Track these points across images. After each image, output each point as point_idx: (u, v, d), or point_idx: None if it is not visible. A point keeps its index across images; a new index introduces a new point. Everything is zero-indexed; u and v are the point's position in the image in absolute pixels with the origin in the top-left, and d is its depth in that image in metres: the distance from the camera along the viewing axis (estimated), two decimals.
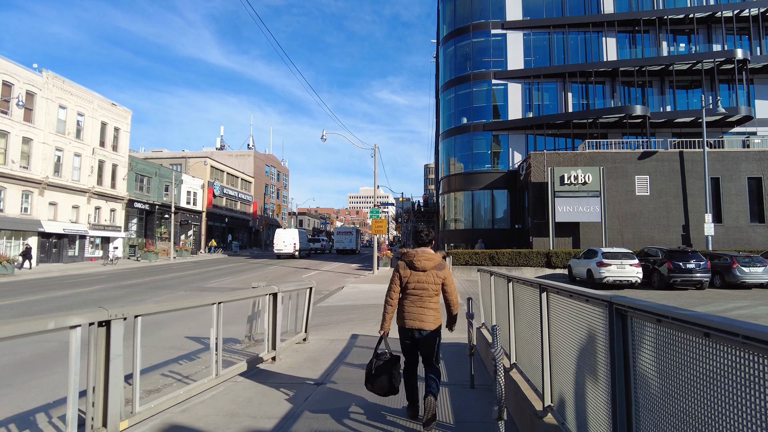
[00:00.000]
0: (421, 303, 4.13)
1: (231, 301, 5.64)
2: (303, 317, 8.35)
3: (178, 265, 32.37)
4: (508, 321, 5.34)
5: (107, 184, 37.11)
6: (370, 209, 26.00)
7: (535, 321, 3.84)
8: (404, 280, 4.18)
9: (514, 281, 4.90)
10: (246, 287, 19.49)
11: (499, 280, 5.78)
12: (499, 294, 5.89)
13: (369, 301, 14.86)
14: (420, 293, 4.12)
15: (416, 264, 4.14)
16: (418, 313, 4.11)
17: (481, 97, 31.18)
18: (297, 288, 8.07)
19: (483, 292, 7.74)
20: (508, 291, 5.03)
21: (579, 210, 24.36)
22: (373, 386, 4.16)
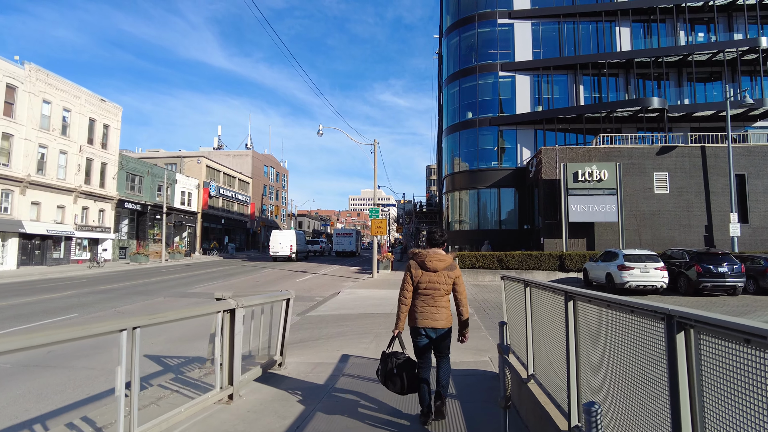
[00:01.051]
0: (432, 302, 4.21)
1: (155, 325, 3.95)
2: (278, 336, 6.67)
3: (167, 268, 30.74)
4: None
5: (96, 184, 35.53)
6: (370, 209, 24.34)
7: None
8: (416, 280, 4.25)
9: (577, 298, 3.26)
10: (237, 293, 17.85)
11: (543, 294, 4.10)
12: (541, 313, 4.22)
13: (366, 309, 13.17)
14: (431, 293, 4.21)
15: (428, 264, 4.21)
16: (430, 312, 4.20)
17: (487, 90, 29.50)
18: (269, 300, 6.40)
19: (509, 307, 6.04)
20: (570, 313, 3.38)
21: (594, 209, 22.64)
22: (395, 386, 4.19)
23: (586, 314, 2.99)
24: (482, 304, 14.32)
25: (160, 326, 7.12)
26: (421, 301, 4.25)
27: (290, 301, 6.73)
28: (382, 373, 4.29)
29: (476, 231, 29.05)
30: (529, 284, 4.59)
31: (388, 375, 4.23)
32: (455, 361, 6.99)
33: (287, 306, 6.68)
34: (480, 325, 10.67)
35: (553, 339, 3.73)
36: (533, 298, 4.47)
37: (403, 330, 4.34)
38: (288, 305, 6.69)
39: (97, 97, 35.60)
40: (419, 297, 4.27)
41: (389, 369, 4.22)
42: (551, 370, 3.86)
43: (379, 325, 10.75)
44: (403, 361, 4.23)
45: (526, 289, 4.63)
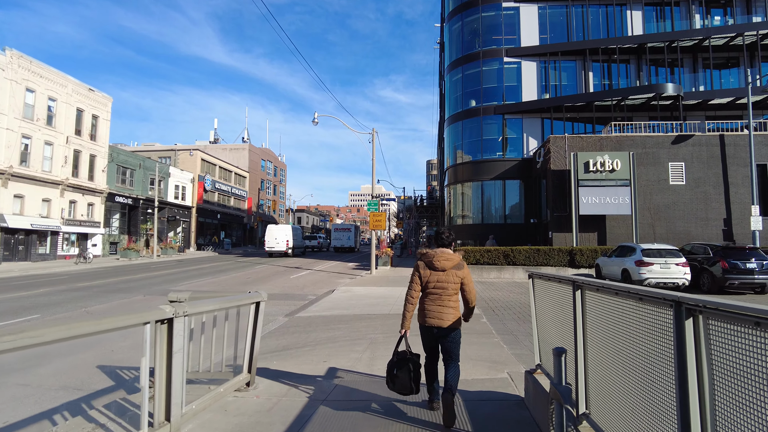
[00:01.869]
0: (440, 302, 4.21)
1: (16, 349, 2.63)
2: (245, 349, 5.36)
3: (158, 264, 29.46)
4: None
5: (84, 176, 34.20)
6: (368, 202, 23.04)
7: None
8: (424, 280, 4.27)
9: (708, 313, 1.91)
10: (222, 290, 16.50)
11: (613, 302, 2.78)
12: (606, 330, 2.90)
13: (361, 309, 11.86)
14: (439, 292, 4.21)
15: (436, 264, 4.22)
16: (438, 311, 4.20)
17: (491, 77, 28.08)
18: (232, 304, 5.09)
19: (541, 313, 4.74)
20: (688, 341, 2.03)
21: (606, 201, 21.32)
22: (395, 385, 4.19)
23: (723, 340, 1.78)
24: (490, 304, 13.01)
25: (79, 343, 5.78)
26: (430, 300, 4.26)
27: (261, 305, 5.41)
28: (387, 370, 4.32)
29: (480, 225, 27.71)
30: (583, 286, 3.26)
31: (390, 374, 4.24)
32: (466, 379, 5.73)
33: (257, 311, 5.37)
34: (490, 329, 9.36)
35: (632, 370, 2.45)
36: (590, 307, 3.15)
37: (410, 329, 4.37)
38: (258, 310, 5.38)
39: (84, 87, 34.21)
40: (427, 296, 4.27)
41: (390, 369, 4.25)
42: (625, 416, 2.57)
43: (374, 328, 9.44)
44: (408, 361, 4.19)
45: (577, 293, 3.30)
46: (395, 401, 4.92)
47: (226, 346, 5.41)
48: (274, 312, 12.14)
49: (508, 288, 17.02)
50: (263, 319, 11.43)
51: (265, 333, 9.42)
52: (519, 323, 10.10)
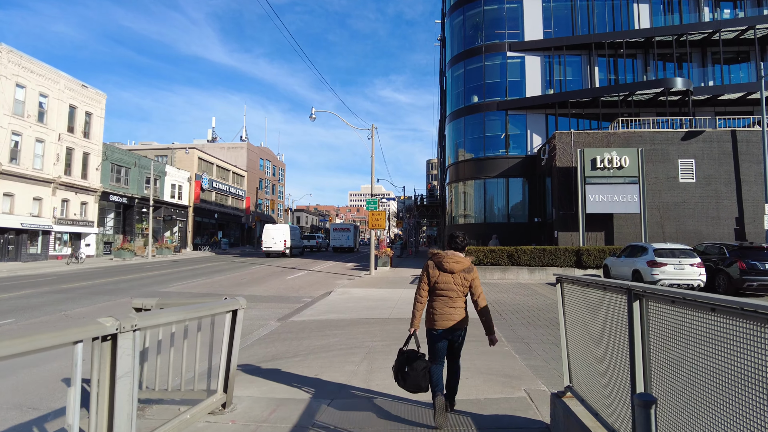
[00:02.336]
0: (450, 303, 4.25)
1: None
2: (220, 365, 4.60)
3: (152, 264, 28.71)
4: None
5: (77, 175, 33.44)
6: (367, 200, 22.31)
7: None
8: (432, 280, 4.31)
9: None
10: (213, 293, 15.73)
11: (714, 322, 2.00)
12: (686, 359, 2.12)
13: (359, 313, 11.10)
14: (448, 294, 4.25)
15: (445, 266, 4.26)
16: (447, 313, 4.24)
17: (494, 72, 27.31)
18: (203, 313, 4.33)
19: (571, 325, 3.98)
20: None
21: (614, 199, 20.57)
22: (406, 384, 4.18)
23: None
24: (497, 307, 12.26)
25: None
26: (438, 301, 4.30)
27: (238, 314, 4.66)
28: (395, 370, 4.33)
29: (482, 224, 26.95)
30: (645, 296, 2.48)
31: (401, 373, 4.24)
32: (478, 398, 4.99)
33: (234, 320, 4.61)
34: (500, 336, 8.60)
35: None
36: (656, 326, 2.38)
37: (419, 328, 4.39)
38: (235, 319, 4.62)
39: (77, 83, 33.45)
40: (436, 298, 4.32)
41: (401, 368, 4.24)
42: None
43: (373, 335, 8.69)
44: (418, 359, 4.21)
45: (635, 304, 2.53)
46: (398, 422, 4.18)
47: (199, 360, 4.67)
48: (266, 316, 11.40)
49: (513, 290, 16.27)
50: (252, 324, 10.65)
51: (255, 339, 8.68)
52: (529, 329, 9.34)
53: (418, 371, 4.13)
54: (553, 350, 7.48)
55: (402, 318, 10.40)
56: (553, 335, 8.67)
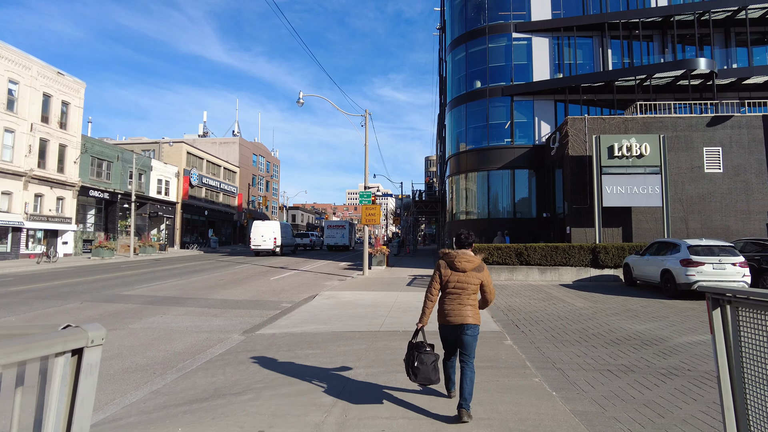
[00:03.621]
0: (460, 301, 4.32)
1: None
2: None
3: (130, 264, 26.61)
4: None
5: (52, 168, 31.31)
6: (360, 193, 20.30)
7: None
8: (444, 279, 4.38)
9: None
10: (180, 296, 13.68)
11: None
12: None
13: (343, 324, 9.05)
14: (459, 292, 4.32)
15: (457, 265, 4.36)
16: (458, 310, 4.31)
17: (498, 54, 25.24)
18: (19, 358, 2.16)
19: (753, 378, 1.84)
20: None
21: (633, 191, 18.55)
22: (417, 378, 4.27)
23: None
24: (510, 315, 10.22)
25: None
26: (450, 299, 4.37)
27: (86, 355, 2.54)
28: (406, 364, 4.40)
29: (486, 220, 24.90)
30: None
31: (411, 367, 4.30)
32: None
33: (78, 367, 2.50)
34: (522, 358, 6.56)
35: None
36: None
37: (426, 324, 4.45)
38: (80, 365, 2.51)
39: (53, 70, 31.29)
40: (448, 296, 4.39)
41: (412, 362, 4.29)
42: None
43: (357, 356, 6.65)
44: (426, 355, 4.27)
45: None
46: None
47: None
48: (230, 327, 9.35)
49: (525, 292, 14.24)
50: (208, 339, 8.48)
51: (203, 362, 6.64)
52: (558, 347, 7.31)
53: (428, 365, 4.24)
54: (600, 383, 5.44)
55: (396, 331, 8.36)
56: (592, 357, 6.64)
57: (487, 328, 8.61)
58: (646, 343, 7.56)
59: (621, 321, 9.55)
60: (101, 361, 5.16)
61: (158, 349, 7.60)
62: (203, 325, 9.54)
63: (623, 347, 7.31)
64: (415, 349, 4.35)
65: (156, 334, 8.76)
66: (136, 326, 9.40)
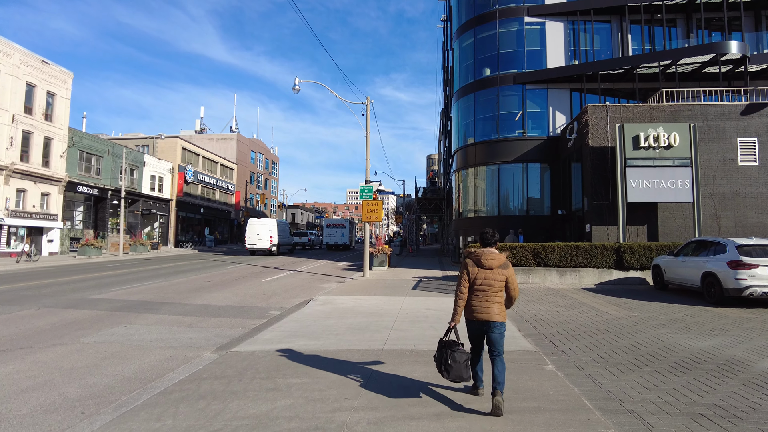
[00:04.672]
0: (487, 297, 4.41)
1: None
2: None
3: (117, 263, 24.99)
4: None
5: (36, 162, 29.69)
6: (360, 188, 18.68)
7: None
8: (472, 277, 4.47)
9: None
10: (158, 300, 12.08)
11: None
12: None
13: (340, 339, 7.39)
14: (487, 289, 4.40)
15: (484, 262, 4.44)
16: (486, 306, 4.39)
17: (510, 40, 23.56)
18: None
19: None
20: None
21: (661, 185, 16.89)
22: (450, 375, 4.36)
23: None
24: (540, 328, 8.59)
25: None
26: (477, 296, 4.44)
27: None
28: (437, 361, 4.51)
29: (496, 218, 23.24)
30: None
31: (444, 365, 4.38)
32: None
33: None
34: (576, 394, 4.91)
35: None
36: None
37: (458, 323, 4.51)
38: None
39: (37, 58, 29.68)
40: (475, 292, 4.45)
41: (445, 359, 4.38)
42: None
43: (355, 393, 4.99)
44: (459, 353, 4.38)
45: None
46: None
47: None
48: (203, 341, 7.72)
49: (546, 298, 12.60)
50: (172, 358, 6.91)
51: (153, 395, 5.00)
52: (614, 373, 5.67)
53: (460, 363, 4.33)
54: None
55: (404, 350, 6.73)
56: (666, 390, 4.99)
57: (517, 346, 6.98)
58: (723, 369, 5.92)
59: (674, 335, 7.91)
60: (14, 395, 3.46)
61: (103, 374, 5.97)
62: (171, 339, 7.91)
63: (698, 374, 5.67)
64: (447, 347, 4.45)
65: (110, 350, 7.13)
66: (89, 340, 7.77)
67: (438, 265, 25.49)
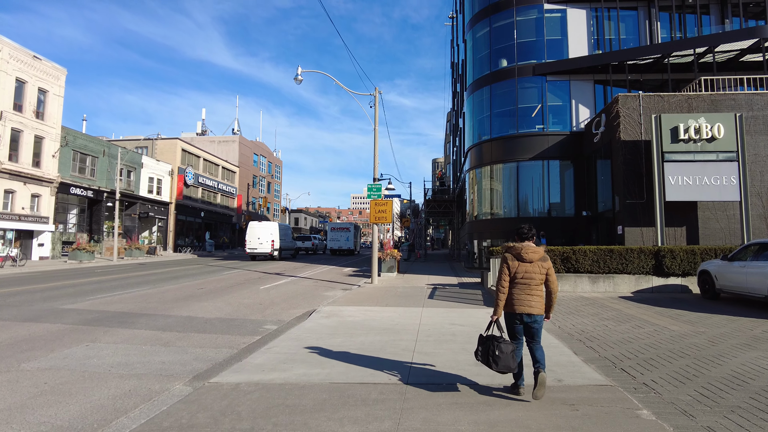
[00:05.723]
0: (528, 290, 4.51)
1: None
2: None
3: (107, 268, 23.43)
4: None
5: (26, 161, 28.25)
6: (368, 186, 17.08)
7: None
8: (512, 271, 4.57)
9: None
10: (136, 311, 10.55)
11: None
12: None
13: (349, 369, 5.72)
14: (528, 282, 4.51)
15: (524, 256, 4.54)
16: (527, 299, 4.51)
17: (528, 29, 21.96)
18: None
19: None
20: None
21: (704, 182, 15.19)
22: (498, 366, 4.43)
23: None
24: (597, 348, 6.92)
25: None
26: (518, 289, 4.54)
27: None
28: (483, 354, 4.56)
29: (514, 219, 21.54)
30: None
31: (492, 356, 4.45)
32: None
33: None
34: None
35: None
36: None
37: (501, 316, 4.62)
38: None
39: (27, 53, 28.32)
40: (516, 286, 4.56)
41: (492, 351, 4.45)
42: None
43: None
44: (505, 344, 4.47)
45: None
46: None
47: None
48: (176, 367, 6.07)
49: (585, 309, 10.90)
50: (132, 393, 5.74)
51: None
52: (739, 425, 3.97)
53: (507, 354, 4.41)
54: None
55: (437, 384, 5.05)
56: None
57: (583, 378, 5.30)
58: None
59: None
60: None
61: (25, 421, 4.33)
62: (138, 363, 6.28)
63: None
64: (492, 339, 4.53)
65: (54, 381, 5.51)
66: (32, 366, 6.14)
67: (450, 271, 23.78)
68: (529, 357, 4.62)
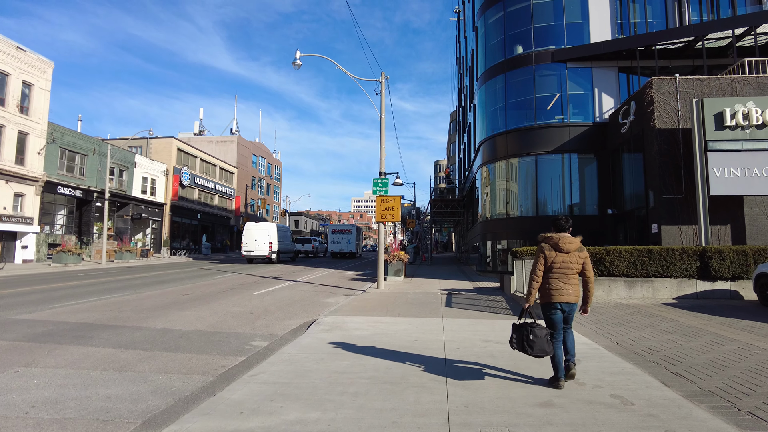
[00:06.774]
0: (566, 280, 4.57)
1: None
2: None
3: (91, 272, 21.74)
4: None
5: (8, 159, 26.62)
6: (374, 181, 15.34)
7: None
8: (549, 261, 4.62)
9: None
10: (106, 323, 8.86)
11: None
12: None
13: (364, 417, 3.96)
14: (565, 271, 4.56)
15: (561, 246, 4.59)
16: (565, 288, 4.56)
17: (546, 12, 20.32)
18: None
19: None
20: None
21: (754, 174, 13.50)
22: (534, 350, 4.46)
23: None
24: (690, 377, 5.24)
25: None
26: (556, 279, 4.59)
27: None
28: (518, 341, 4.57)
29: (532, 218, 19.84)
30: None
31: (527, 341, 4.47)
32: None
33: None
34: None
35: None
36: None
37: (533, 304, 4.68)
38: None
39: (11, 44, 26.74)
40: (553, 275, 4.60)
41: (526, 336, 4.49)
42: None
43: None
44: (538, 329, 4.51)
45: None
46: None
47: None
48: (126, 403, 4.31)
49: (631, 318, 9.20)
50: None
51: None
52: None
53: (542, 338, 4.46)
54: None
55: None
56: None
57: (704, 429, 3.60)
58: None
59: None
60: None
61: None
62: (72, 400, 4.57)
63: None
64: (526, 326, 4.54)
65: None
66: None
67: (461, 274, 22.07)
68: None
